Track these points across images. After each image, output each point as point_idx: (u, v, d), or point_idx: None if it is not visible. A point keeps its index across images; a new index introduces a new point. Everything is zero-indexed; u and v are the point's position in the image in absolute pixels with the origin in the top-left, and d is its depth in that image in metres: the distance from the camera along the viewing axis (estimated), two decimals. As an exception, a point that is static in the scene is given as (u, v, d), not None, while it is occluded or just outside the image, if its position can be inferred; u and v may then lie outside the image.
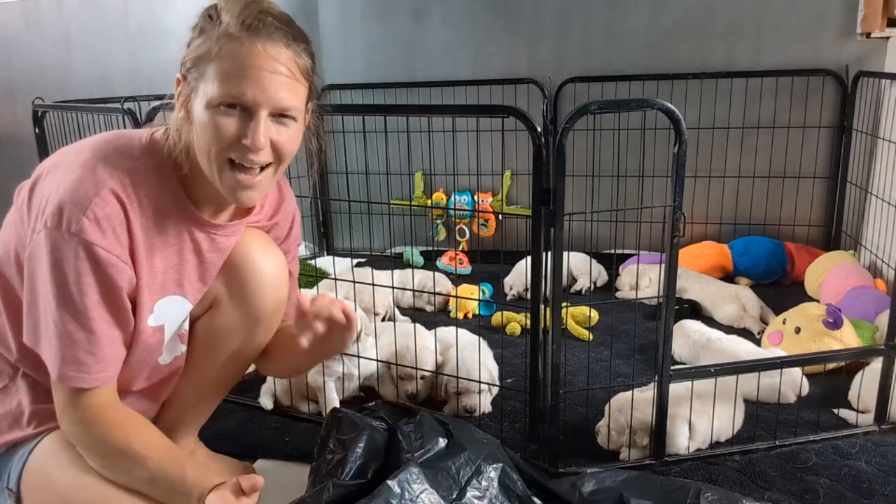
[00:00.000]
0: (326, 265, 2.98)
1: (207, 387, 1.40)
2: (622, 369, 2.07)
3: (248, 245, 1.29)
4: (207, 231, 1.20)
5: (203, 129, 1.06)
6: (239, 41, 1.03)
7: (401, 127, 2.47)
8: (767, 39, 2.82)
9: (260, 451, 1.70)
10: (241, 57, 1.03)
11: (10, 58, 3.70)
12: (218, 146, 1.06)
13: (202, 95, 1.05)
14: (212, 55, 1.04)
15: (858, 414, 1.77)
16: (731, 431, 1.68)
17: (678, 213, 1.45)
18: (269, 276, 1.32)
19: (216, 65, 1.04)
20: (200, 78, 1.06)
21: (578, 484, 1.33)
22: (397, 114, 2.02)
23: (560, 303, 1.52)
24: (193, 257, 1.20)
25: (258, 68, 1.04)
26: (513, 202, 3.21)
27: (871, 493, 1.49)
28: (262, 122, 1.05)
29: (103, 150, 1.10)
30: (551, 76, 3.02)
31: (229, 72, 1.03)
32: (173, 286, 1.19)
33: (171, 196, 1.14)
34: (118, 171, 1.07)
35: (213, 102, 1.04)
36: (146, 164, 1.11)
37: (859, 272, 2.48)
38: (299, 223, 1.45)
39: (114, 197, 1.05)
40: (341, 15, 3.22)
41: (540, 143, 1.45)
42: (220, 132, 1.05)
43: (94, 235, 1.03)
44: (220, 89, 1.04)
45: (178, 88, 1.11)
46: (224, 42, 1.04)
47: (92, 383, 1.10)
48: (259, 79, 1.04)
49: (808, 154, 2.87)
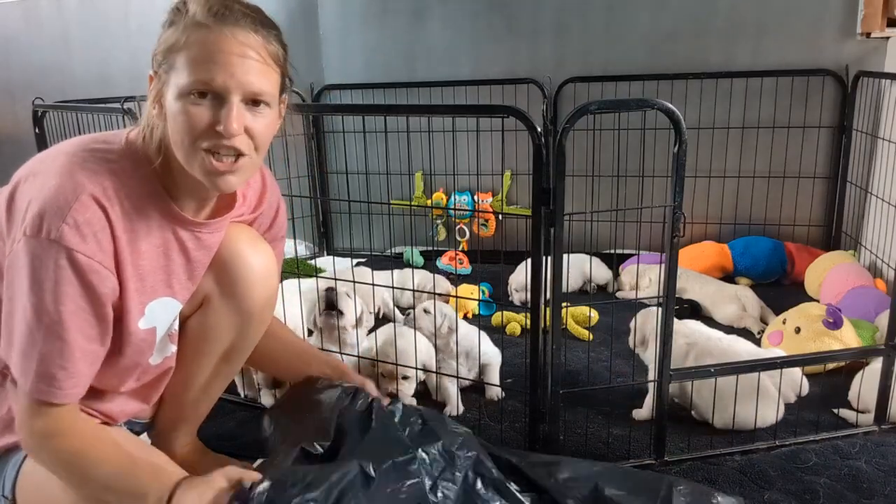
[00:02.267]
0: (326, 265, 2.98)
1: (203, 386, 1.40)
2: (622, 369, 2.07)
3: (236, 241, 1.29)
4: (191, 230, 1.18)
5: (175, 119, 1.04)
6: (207, 28, 1.02)
7: (401, 127, 2.46)
8: (767, 39, 2.82)
9: (260, 451, 1.70)
10: (209, 43, 1.02)
11: (9, 58, 3.70)
12: (191, 135, 1.04)
13: (173, 87, 1.04)
14: (180, 45, 1.03)
15: (858, 414, 1.77)
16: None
17: (678, 213, 1.45)
18: (258, 270, 1.32)
19: (185, 54, 1.02)
20: (170, 70, 1.04)
21: (554, 470, 1.31)
22: (397, 114, 2.02)
23: (560, 303, 1.52)
24: (180, 257, 1.19)
25: (227, 53, 1.02)
26: (513, 202, 3.21)
27: (871, 493, 1.49)
28: (234, 107, 1.04)
29: (80, 154, 1.08)
30: (551, 76, 3.02)
31: (197, 59, 1.02)
32: (162, 287, 1.18)
33: (152, 197, 1.12)
34: (97, 175, 1.05)
35: (184, 91, 1.03)
36: (124, 166, 1.09)
37: (859, 272, 2.48)
38: (284, 212, 1.44)
39: (94, 202, 1.03)
40: (341, 15, 3.22)
41: (540, 143, 1.45)
42: (192, 121, 1.03)
43: (74, 241, 1.01)
44: (189, 77, 1.02)
45: (151, 85, 1.08)
46: (192, 31, 1.03)
47: (63, 399, 1.07)
48: (228, 63, 1.02)
49: (808, 154, 2.87)
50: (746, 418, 1.70)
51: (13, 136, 3.71)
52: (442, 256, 3.13)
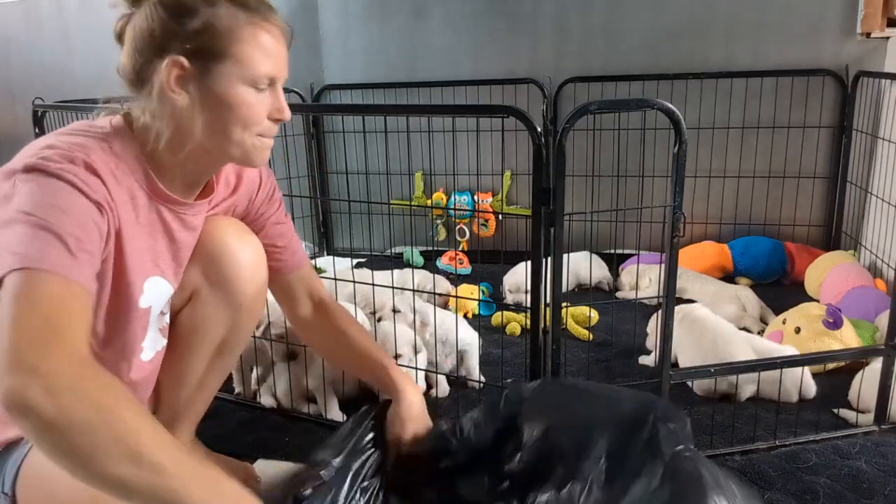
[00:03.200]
0: (327, 265, 2.98)
1: (198, 382, 1.39)
2: (622, 369, 2.07)
3: (223, 233, 1.29)
4: (176, 210, 1.18)
5: (231, 109, 1.08)
6: (257, 20, 1.08)
7: (401, 127, 2.47)
8: (767, 39, 2.82)
9: (260, 451, 1.70)
10: (268, 36, 1.08)
11: (10, 58, 3.70)
12: (251, 122, 1.10)
13: (230, 75, 1.06)
14: (231, 35, 1.05)
15: (858, 414, 1.77)
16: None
17: (678, 213, 1.45)
18: (246, 262, 1.32)
19: (244, 46, 1.06)
20: (221, 59, 1.06)
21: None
22: (397, 114, 2.03)
23: (560, 303, 1.52)
24: (164, 237, 1.19)
25: (281, 46, 1.11)
26: (513, 202, 3.21)
27: (871, 493, 1.49)
28: (282, 93, 1.13)
29: (68, 134, 1.06)
30: (551, 76, 3.02)
31: (261, 51, 1.07)
32: (151, 266, 1.18)
33: (139, 175, 1.11)
34: (87, 149, 1.03)
35: (250, 83, 1.08)
36: (113, 145, 1.08)
37: (859, 272, 2.48)
38: (268, 186, 1.39)
39: (90, 170, 1.01)
40: (341, 15, 3.22)
41: (540, 143, 1.45)
42: (256, 109, 1.09)
43: (77, 181, 0.96)
44: (256, 69, 1.07)
45: (174, 71, 1.05)
46: (239, 22, 1.06)
47: (56, 268, 0.90)
48: (282, 56, 1.11)
49: (808, 154, 2.87)
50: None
51: (13, 136, 3.71)
52: (442, 256, 3.13)
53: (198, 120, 1.09)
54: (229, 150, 1.13)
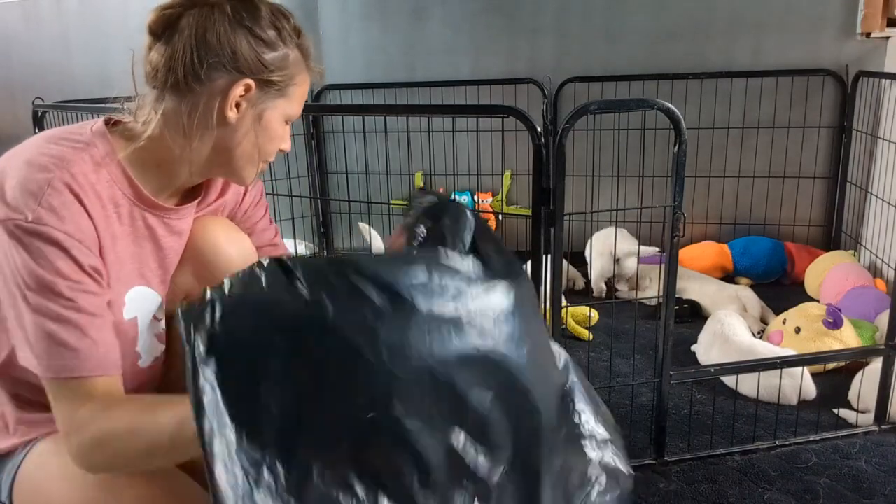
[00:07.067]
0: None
1: None
2: (622, 369, 2.07)
3: (214, 234, 1.29)
4: (160, 215, 1.18)
5: (268, 139, 1.16)
6: (310, 69, 1.18)
7: (401, 127, 2.47)
8: (767, 39, 2.82)
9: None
10: (308, 84, 1.19)
11: (10, 58, 3.70)
12: (271, 151, 1.19)
13: (279, 110, 1.15)
14: (293, 78, 1.14)
15: (858, 414, 1.77)
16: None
17: (678, 213, 1.46)
18: (237, 263, 1.31)
19: (297, 89, 1.16)
20: (278, 95, 1.13)
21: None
22: (397, 114, 2.03)
23: (560, 303, 1.52)
24: (150, 244, 1.19)
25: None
26: (513, 202, 3.21)
27: (871, 493, 1.49)
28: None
29: (45, 146, 1.08)
30: (551, 76, 3.02)
31: (302, 95, 1.18)
32: (135, 276, 1.18)
33: (122, 183, 1.11)
34: (66, 161, 1.05)
35: (289, 119, 1.17)
36: (94, 153, 1.09)
37: (859, 272, 2.48)
38: (255, 190, 1.41)
39: (66, 188, 1.02)
40: (341, 15, 3.22)
41: (540, 143, 1.45)
42: (281, 142, 1.19)
43: (53, 222, 1.00)
44: (296, 109, 1.17)
45: (243, 93, 1.09)
46: (300, 68, 1.15)
47: (93, 371, 1.02)
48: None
49: (808, 154, 2.88)
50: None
51: (13, 136, 3.69)
52: (442, 256, 3.13)
53: (229, 140, 1.12)
54: (236, 170, 1.18)
